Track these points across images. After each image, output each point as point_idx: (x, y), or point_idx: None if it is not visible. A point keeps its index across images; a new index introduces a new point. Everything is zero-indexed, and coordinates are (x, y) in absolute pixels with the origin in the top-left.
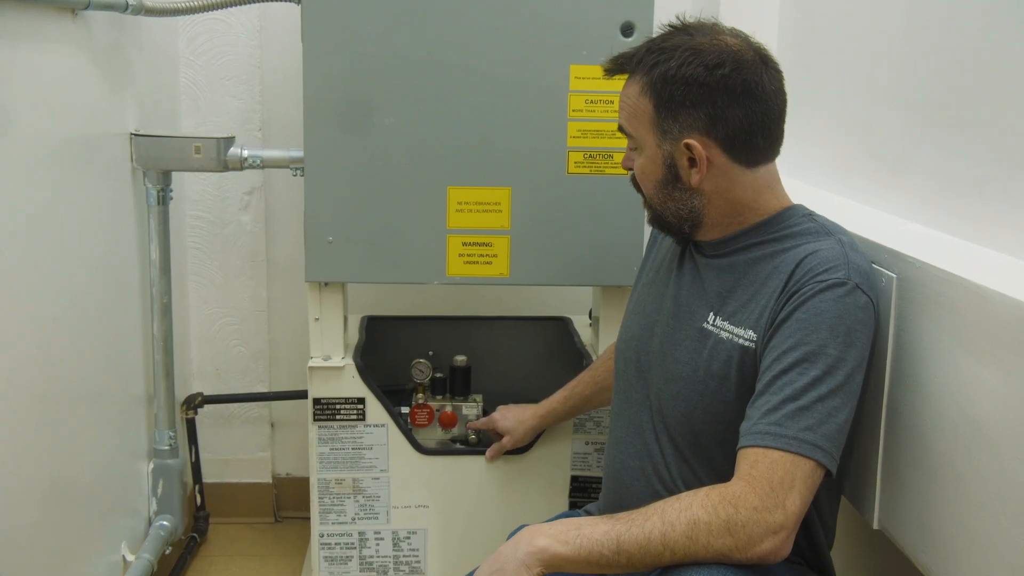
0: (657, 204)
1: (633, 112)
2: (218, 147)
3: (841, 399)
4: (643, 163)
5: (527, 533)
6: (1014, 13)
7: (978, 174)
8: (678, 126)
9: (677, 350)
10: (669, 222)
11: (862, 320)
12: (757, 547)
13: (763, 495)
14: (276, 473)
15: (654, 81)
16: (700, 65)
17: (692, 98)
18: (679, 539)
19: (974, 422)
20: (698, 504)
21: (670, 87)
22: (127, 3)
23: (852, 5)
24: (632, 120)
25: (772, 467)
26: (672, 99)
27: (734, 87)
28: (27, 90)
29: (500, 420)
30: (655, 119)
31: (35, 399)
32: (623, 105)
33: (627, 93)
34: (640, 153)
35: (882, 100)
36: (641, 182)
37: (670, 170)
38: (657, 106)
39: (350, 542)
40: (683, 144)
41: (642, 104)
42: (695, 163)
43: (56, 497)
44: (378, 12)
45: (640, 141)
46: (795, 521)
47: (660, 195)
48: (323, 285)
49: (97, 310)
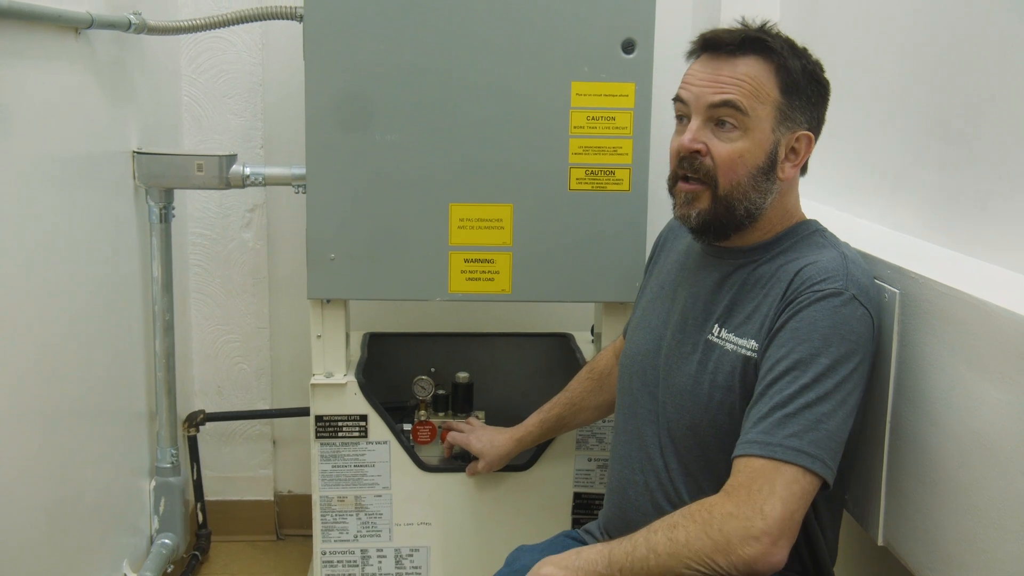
0: (739, 193)
1: (755, 91)
2: (220, 165)
3: (831, 405)
4: (744, 147)
5: (536, 567)
6: (1015, 28)
7: (981, 189)
8: (800, 117)
9: (683, 363)
10: (736, 216)
11: (857, 331)
12: (738, 551)
13: (739, 502)
14: (278, 490)
15: (794, 70)
16: (822, 69)
17: (816, 96)
18: (661, 540)
19: (978, 436)
20: (679, 514)
21: (806, 80)
22: (130, 22)
23: (852, 20)
24: (752, 99)
25: (752, 474)
26: (803, 91)
27: (829, 96)
28: (30, 108)
29: (475, 443)
30: (781, 104)
31: (37, 416)
32: (740, 83)
33: (747, 72)
34: (742, 136)
35: (884, 115)
36: (729, 166)
37: (771, 159)
38: (785, 93)
39: (352, 560)
40: (796, 136)
41: (768, 86)
42: (793, 157)
43: (58, 515)
44: (380, 29)
45: (753, 122)
46: (778, 527)
47: (748, 183)
48: (325, 302)
49: (99, 327)
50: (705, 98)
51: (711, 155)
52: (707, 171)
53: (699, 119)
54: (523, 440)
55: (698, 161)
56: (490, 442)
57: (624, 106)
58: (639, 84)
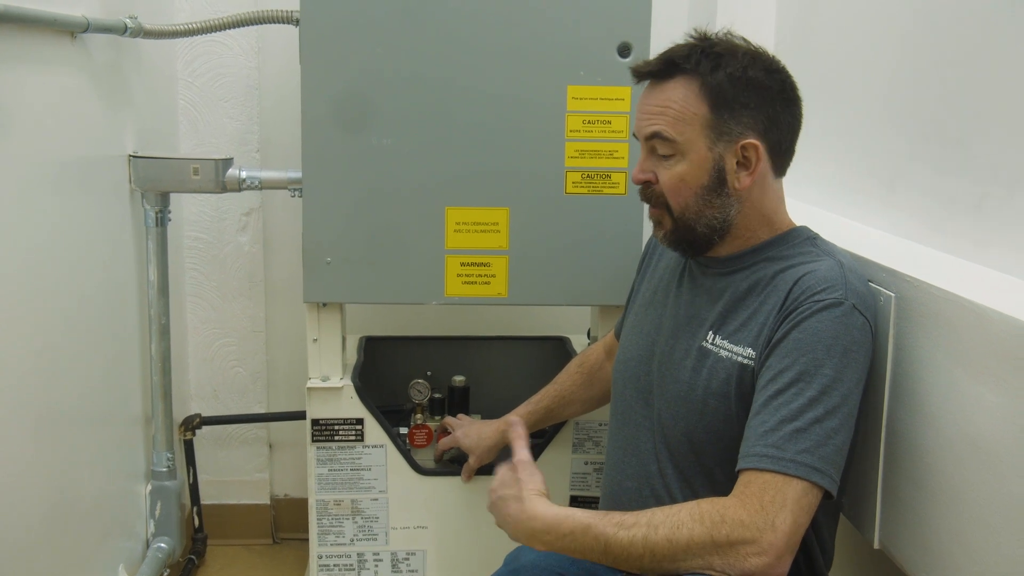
0: (692, 214)
1: (680, 116)
2: (216, 168)
3: (839, 420)
4: (684, 170)
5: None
6: (1011, 30)
7: (976, 192)
8: (739, 127)
9: (677, 370)
10: (698, 234)
11: (858, 341)
12: (743, 562)
13: (752, 512)
14: (274, 494)
15: (717, 82)
16: (762, 68)
17: (755, 100)
18: (661, 542)
19: (973, 440)
20: (686, 512)
21: (734, 88)
22: (126, 26)
23: (848, 23)
24: (679, 124)
25: (764, 487)
26: (735, 100)
27: (787, 91)
28: (26, 112)
29: (463, 439)
30: (711, 121)
31: (33, 420)
32: (665, 110)
33: (671, 97)
34: (679, 160)
35: (879, 118)
36: (674, 192)
37: (717, 175)
38: (715, 107)
39: (349, 563)
40: (740, 145)
41: (693, 107)
42: (746, 166)
43: (54, 519)
44: (376, 33)
45: (685, 146)
46: (785, 541)
47: (699, 203)
48: (321, 305)
49: (95, 331)
50: (641, 131)
51: (659, 182)
52: (658, 197)
53: (645, 150)
54: (508, 432)
55: (650, 189)
56: (478, 436)
57: (620, 110)
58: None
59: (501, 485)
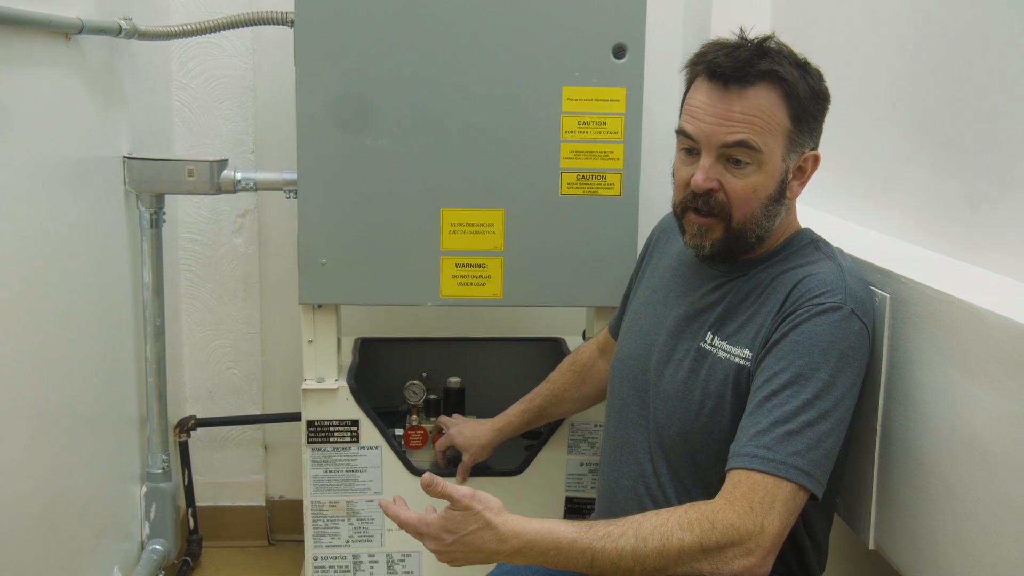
0: (752, 224)
1: (767, 126)
2: (211, 170)
3: (831, 424)
4: (758, 180)
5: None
6: (1006, 32)
7: (971, 193)
8: (808, 139)
9: (675, 370)
10: (747, 242)
11: (855, 346)
12: (730, 564)
13: (742, 513)
14: (269, 496)
15: (799, 93)
16: (821, 79)
17: (822, 112)
18: (651, 555)
19: (968, 440)
20: (675, 521)
21: (811, 100)
22: (120, 27)
23: (844, 25)
24: (765, 134)
25: (754, 487)
26: (809, 112)
27: (829, 104)
28: (20, 113)
29: (456, 436)
30: (790, 132)
31: (27, 421)
32: (752, 119)
33: (759, 105)
34: (756, 170)
35: (875, 120)
36: (744, 201)
37: (781, 185)
38: (795, 118)
39: (344, 565)
40: (805, 156)
41: (778, 117)
42: (799, 175)
43: (49, 521)
44: (371, 34)
45: (765, 156)
46: (772, 542)
47: (762, 212)
48: (316, 307)
49: (90, 333)
50: (718, 137)
51: (724, 191)
52: (721, 206)
53: (711, 157)
54: (503, 430)
55: (712, 198)
56: (472, 434)
57: (615, 111)
58: (630, 89)
59: (451, 528)
